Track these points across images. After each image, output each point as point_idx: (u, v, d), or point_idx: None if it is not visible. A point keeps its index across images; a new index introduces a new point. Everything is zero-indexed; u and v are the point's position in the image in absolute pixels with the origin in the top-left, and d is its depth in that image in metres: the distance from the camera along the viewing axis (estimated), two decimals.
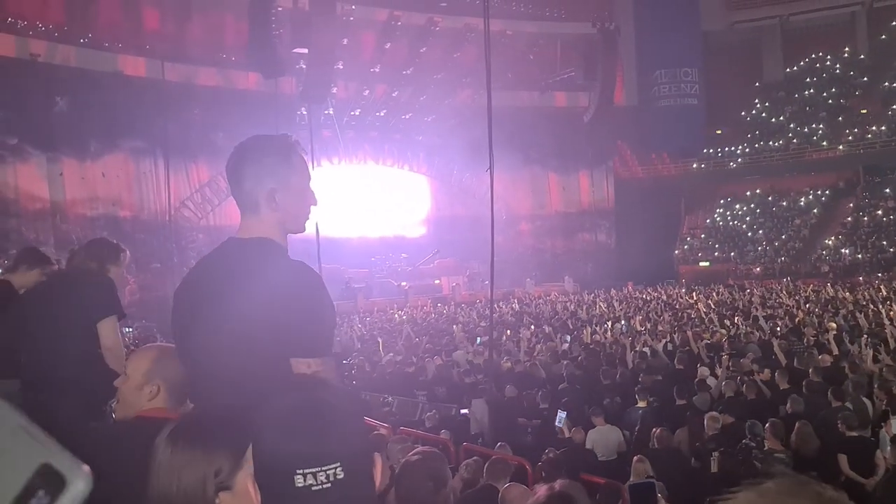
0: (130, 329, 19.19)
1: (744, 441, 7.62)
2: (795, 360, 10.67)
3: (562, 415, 8.54)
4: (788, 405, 8.21)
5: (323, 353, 2.16)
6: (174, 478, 1.63)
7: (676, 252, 40.33)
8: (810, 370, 9.58)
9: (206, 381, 2.18)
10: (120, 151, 27.58)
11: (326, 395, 1.41)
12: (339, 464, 1.33)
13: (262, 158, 2.28)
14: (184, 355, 2.29)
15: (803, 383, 8.97)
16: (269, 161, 2.28)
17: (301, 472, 1.32)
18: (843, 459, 7.14)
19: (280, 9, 25.75)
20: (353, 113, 31.79)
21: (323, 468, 1.32)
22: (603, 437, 8.28)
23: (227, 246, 2.29)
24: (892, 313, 15.41)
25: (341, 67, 28.98)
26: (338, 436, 1.35)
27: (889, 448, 7.00)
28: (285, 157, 2.31)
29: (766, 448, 7.17)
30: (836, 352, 11.38)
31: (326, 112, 30.49)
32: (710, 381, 10.03)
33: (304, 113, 29.99)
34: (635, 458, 6.80)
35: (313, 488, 1.31)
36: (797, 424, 7.56)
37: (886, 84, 42.37)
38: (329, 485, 1.32)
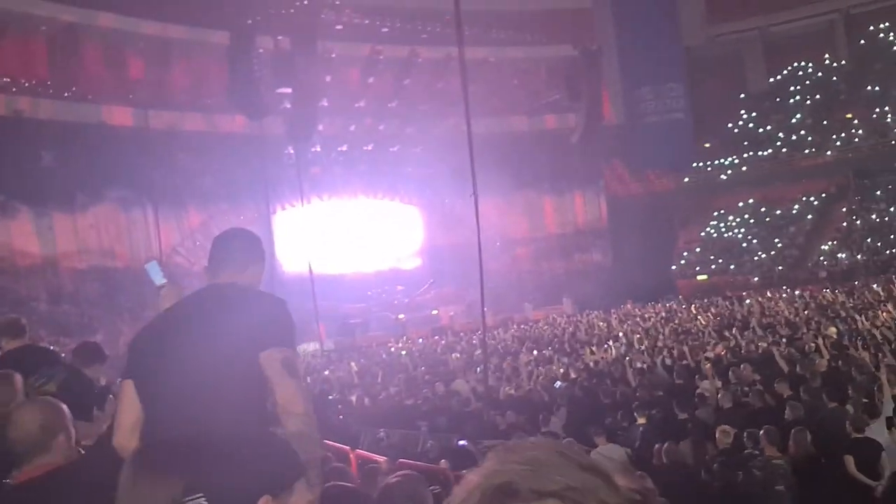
0: None
1: (746, 451, 7.53)
2: (797, 366, 10.58)
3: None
4: (788, 412, 8.11)
5: (288, 346, 2.55)
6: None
7: (673, 267, 40.28)
8: (808, 375, 9.50)
9: (183, 405, 2.35)
10: (108, 202, 27.56)
11: (216, 435, 1.60)
12: (202, 496, 1.43)
13: (252, 244, 2.93)
14: (158, 381, 2.46)
15: (801, 389, 8.88)
16: (252, 247, 2.94)
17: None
18: (849, 461, 7.03)
19: (261, 50, 25.91)
20: (340, 149, 31.87)
21: (189, 499, 1.43)
22: (606, 456, 8.14)
23: (204, 289, 2.71)
24: (889, 315, 15.34)
25: (326, 104, 29.11)
26: (210, 471, 1.47)
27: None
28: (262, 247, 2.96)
29: (764, 455, 7.07)
30: (829, 356, 11.30)
31: (314, 149, 30.57)
32: (708, 393, 9.92)
33: (291, 152, 30.11)
34: (637, 475, 6.65)
35: None
36: (793, 431, 7.48)
37: (869, 88, 42.67)
38: None
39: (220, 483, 1.46)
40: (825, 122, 42.46)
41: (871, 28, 44.77)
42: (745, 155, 43.15)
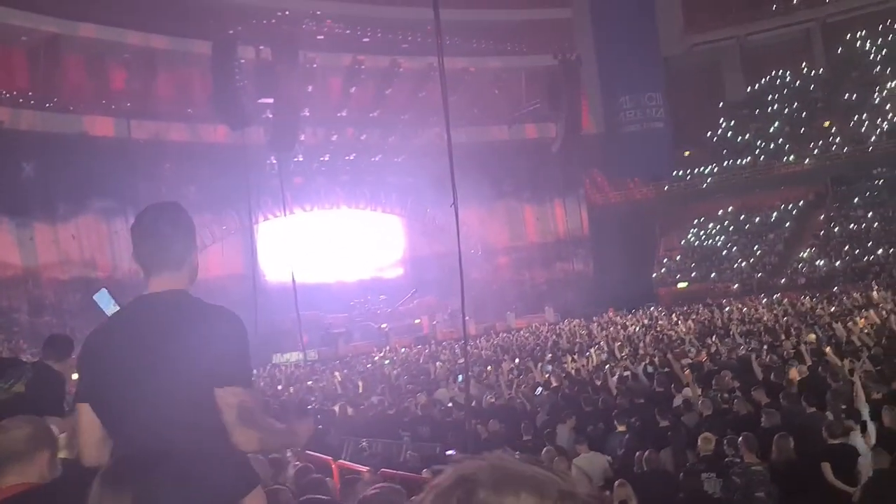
0: None
1: (728, 458, 7.60)
2: (773, 374, 10.70)
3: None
4: (764, 419, 8.21)
5: (248, 384, 2.45)
6: None
7: (654, 275, 40.53)
8: (784, 382, 9.62)
9: (143, 423, 2.30)
10: (90, 213, 27.39)
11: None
12: None
13: (188, 224, 2.58)
14: (113, 404, 2.40)
15: (780, 395, 8.99)
16: (191, 227, 2.59)
17: None
18: (826, 467, 7.12)
19: (243, 60, 25.90)
20: (322, 158, 31.87)
21: None
22: (588, 464, 8.20)
23: (149, 301, 2.51)
24: (867, 321, 15.54)
25: (308, 114, 29.12)
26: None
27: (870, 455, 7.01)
28: (194, 226, 2.62)
29: (743, 462, 7.15)
30: (809, 363, 11.42)
31: (296, 159, 30.54)
32: (689, 401, 10.01)
33: (274, 162, 30.07)
34: (616, 482, 6.73)
35: None
36: (776, 437, 7.56)
37: (846, 96, 43.21)
38: None
39: (179, 496, 1.50)
40: (803, 131, 42.95)
41: (848, 37, 45.38)
42: (725, 163, 43.55)
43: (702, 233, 42.70)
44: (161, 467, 1.62)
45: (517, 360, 17.68)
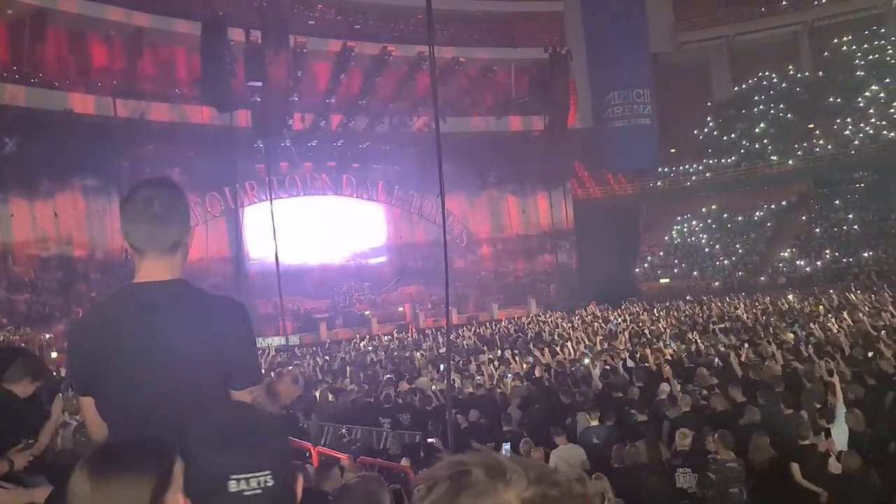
0: None
1: (710, 455, 7.70)
2: (751, 371, 10.82)
3: (506, 447, 8.55)
4: (745, 416, 8.31)
5: (260, 382, 2.43)
6: None
7: (637, 270, 40.81)
8: (761, 380, 9.73)
9: (147, 417, 2.20)
10: (71, 190, 27.15)
11: (256, 416, 1.57)
12: (269, 472, 1.45)
13: (185, 204, 2.40)
14: (112, 395, 2.31)
15: (757, 394, 9.09)
16: (187, 207, 2.42)
17: (235, 477, 1.43)
18: (795, 468, 7.23)
19: (232, 42, 25.71)
20: (310, 144, 31.75)
21: (255, 474, 1.44)
22: (566, 456, 8.27)
23: (151, 292, 2.33)
24: (844, 322, 15.71)
25: (296, 99, 28.97)
26: (267, 448, 1.48)
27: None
28: (189, 206, 2.47)
29: (718, 458, 7.24)
30: (784, 362, 11.55)
31: (283, 144, 30.42)
32: (668, 395, 10.11)
33: (261, 146, 29.91)
34: (594, 476, 6.80)
35: (245, 493, 1.43)
36: (753, 435, 7.65)
37: (831, 99, 43.56)
38: (259, 490, 1.43)
39: (281, 461, 1.52)
40: (788, 132, 43.27)
41: (835, 41, 45.73)
42: (710, 162, 43.83)
43: (685, 230, 43.02)
44: (158, 449, 1.60)
45: (498, 351, 17.77)
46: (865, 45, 44.72)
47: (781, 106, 45.08)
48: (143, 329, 2.26)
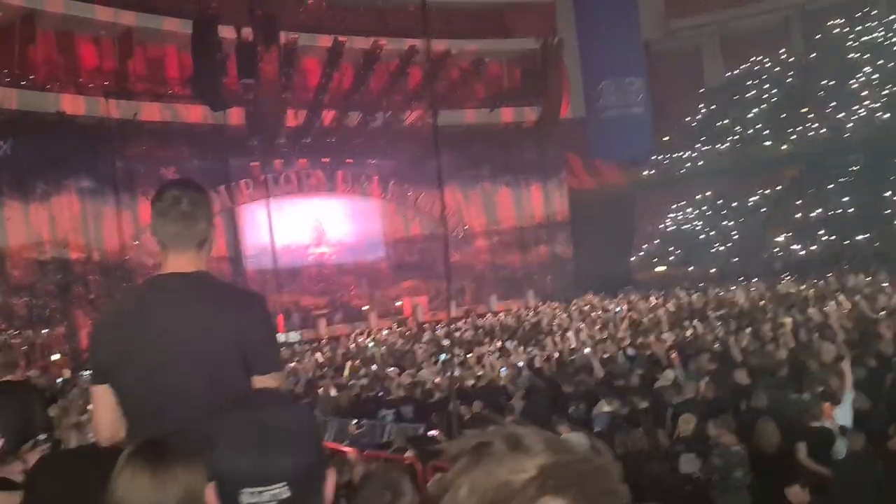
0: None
1: (713, 440, 7.75)
2: (753, 356, 10.89)
3: None
4: (752, 400, 8.35)
5: (281, 370, 2.50)
6: (160, 496, 1.66)
7: (633, 258, 40.87)
8: (762, 365, 9.78)
9: (167, 404, 2.29)
10: (67, 192, 27.05)
11: (279, 412, 1.44)
12: (284, 483, 1.36)
13: (209, 203, 2.59)
14: (135, 383, 2.36)
15: (761, 378, 9.15)
16: (211, 206, 2.62)
17: (247, 490, 1.36)
18: (801, 448, 7.28)
19: (224, 40, 25.63)
20: (304, 141, 31.67)
21: (267, 488, 1.35)
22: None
23: (175, 281, 2.43)
24: (842, 306, 15.78)
25: (289, 96, 28.91)
26: (284, 456, 1.37)
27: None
28: (212, 204, 2.66)
29: (721, 443, 7.30)
30: (791, 345, 11.61)
31: (277, 141, 30.38)
32: (670, 382, 10.16)
33: (255, 143, 29.90)
34: None
35: None
36: (759, 421, 7.70)
37: (824, 82, 43.56)
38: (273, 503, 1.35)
39: (300, 468, 1.41)
40: (781, 117, 43.29)
41: (828, 24, 45.69)
42: (703, 148, 43.85)
43: (680, 217, 43.07)
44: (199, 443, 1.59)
45: (499, 343, 17.82)
46: (858, 28, 44.70)
47: (774, 91, 45.08)
48: (167, 317, 2.35)
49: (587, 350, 13.87)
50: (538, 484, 0.86)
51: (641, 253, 41.42)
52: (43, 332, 24.76)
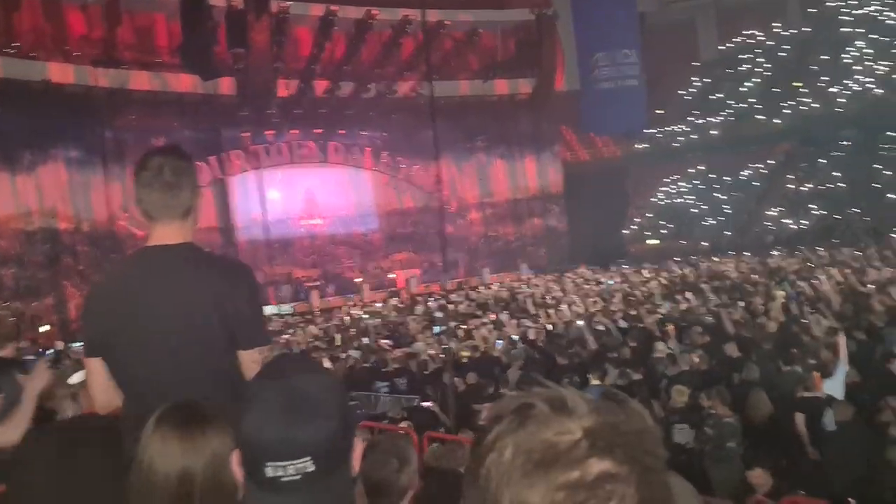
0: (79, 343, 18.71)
1: (704, 411, 7.79)
2: (745, 329, 10.93)
3: None
4: (743, 372, 8.40)
5: (268, 343, 2.49)
6: (190, 460, 1.68)
7: (625, 232, 40.94)
8: (755, 337, 9.82)
9: (159, 376, 2.31)
10: (53, 162, 26.80)
11: (310, 382, 1.40)
12: (309, 458, 1.34)
13: (193, 170, 2.54)
14: (126, 356, 2.38)
15: (753, 351, 9.18)
16: (195, 173, 2.57)
17: (271, 464, 1.34)
18: (799, 417, 7.33)
19: (214, 8, 25.30)
20: (295, 111, 31.43)
21: (292, 462, 1.34)
22: None
23: (163, 253, 2.42)
24: (833, 279, 15.84)
25: (280, 66, 28.63)
26: (312, 428, 1.35)
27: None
28: (196, 171, 2.59)
29: (714, 414, 7.34)
30: (781, 319, 11.66)
31: (268, 112, 30.14)
32: (663, 353, 10.19)
33: (246, 114, 29.65)
34: None
35: (282, 478, 1.34)
36: (751, 392, 7.75)
37: (818, 57, 43.43)
38: (298, 477, 1.34)
39: (326, 441, 1.41)
40: (774, 91, 43.20)
41: None
42: (697, 122, 43.79)
43: (672, 191, 43.10)
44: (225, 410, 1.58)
45: (493, 316, 17.84)
46: (853, 1, 44.50)
47: (768, 65, 44.95)
48: (155, 289, 2.36)
49: (580, 322, 13.90)
50: (585, 445, 0.86)
51: (634, 226, 41.48)
52: (32, 304, 24.65)
